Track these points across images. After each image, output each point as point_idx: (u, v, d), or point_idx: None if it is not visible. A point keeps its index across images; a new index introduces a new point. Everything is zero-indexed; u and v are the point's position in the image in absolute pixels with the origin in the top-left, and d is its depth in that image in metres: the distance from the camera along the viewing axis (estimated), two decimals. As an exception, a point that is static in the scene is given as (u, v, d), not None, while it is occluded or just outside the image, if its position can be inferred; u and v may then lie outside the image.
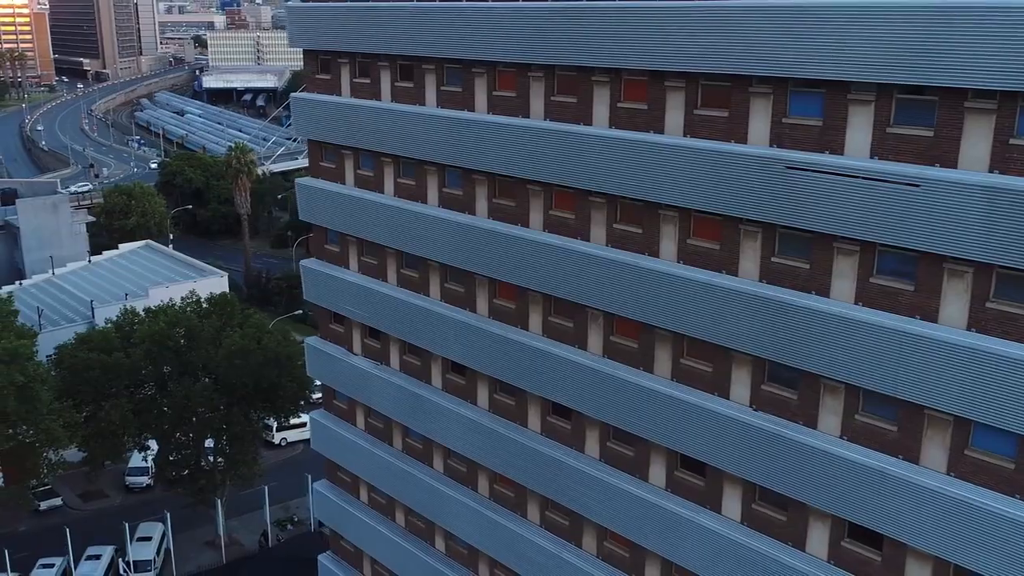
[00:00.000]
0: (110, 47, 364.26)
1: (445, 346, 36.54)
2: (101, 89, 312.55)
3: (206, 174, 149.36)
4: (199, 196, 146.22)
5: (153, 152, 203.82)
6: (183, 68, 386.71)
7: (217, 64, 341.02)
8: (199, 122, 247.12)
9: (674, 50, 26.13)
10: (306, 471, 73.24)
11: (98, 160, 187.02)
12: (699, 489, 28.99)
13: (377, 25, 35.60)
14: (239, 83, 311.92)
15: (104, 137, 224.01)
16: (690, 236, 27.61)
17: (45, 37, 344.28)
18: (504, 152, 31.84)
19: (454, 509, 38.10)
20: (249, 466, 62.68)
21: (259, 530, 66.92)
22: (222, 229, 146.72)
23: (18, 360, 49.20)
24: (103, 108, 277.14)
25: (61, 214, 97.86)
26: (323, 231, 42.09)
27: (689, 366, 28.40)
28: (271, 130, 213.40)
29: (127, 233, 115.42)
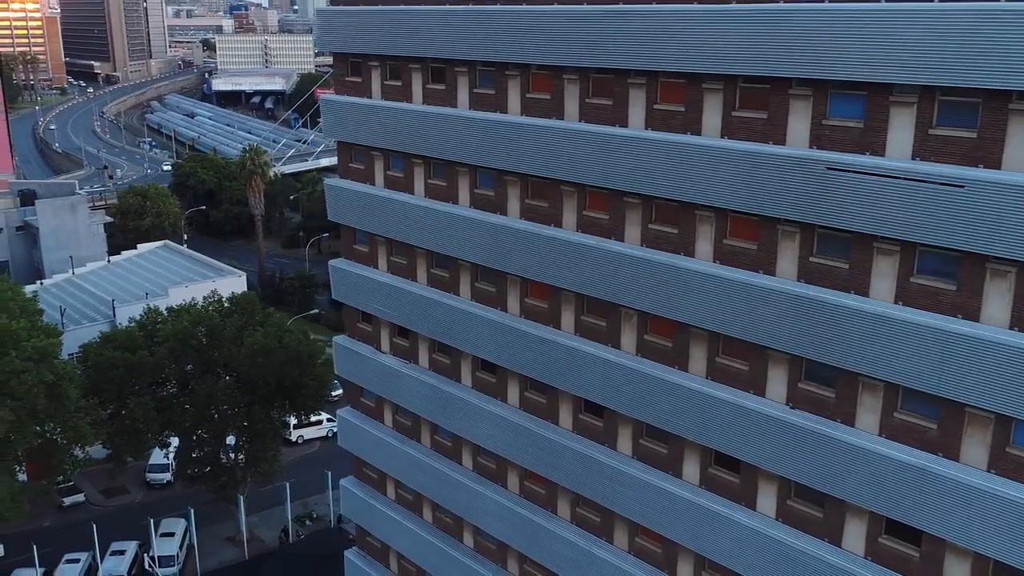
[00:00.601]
0: (121, 50, 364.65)
1: (476, 345, 36.48)
2: (112, 92, 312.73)
3: (218, 175, 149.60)
4: (211, 197, 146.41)
5: (165, 154, 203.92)
6: (192, 71, 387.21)
7: (226, 67, 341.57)
8: (209, 124, 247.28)
9: (713, 53, 26.05)
10: (323, 468, 73.32)
11: (111, 162, 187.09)
12: (733, 486, 28.91)
13: (409, 28, 35.53)
14: (248, 86, 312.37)
15: (116, 139, 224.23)
16: (727, 236, 27.53)
17: (57, 40, 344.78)
18: (538, 153, 31.77)
19: (483, 505, 38.03)
20: (270, 463, 62.76)
21: (278, 526, 66.93)
22: (234, 229, 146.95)
23: (48, 359, 49.15)
24: (114, 110, 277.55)
25: (79, 215, 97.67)
26: (351, 231, 42.03)
27: (725, 364, 28.34)
28: (281, 132, 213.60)
29: (142, 234, 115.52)
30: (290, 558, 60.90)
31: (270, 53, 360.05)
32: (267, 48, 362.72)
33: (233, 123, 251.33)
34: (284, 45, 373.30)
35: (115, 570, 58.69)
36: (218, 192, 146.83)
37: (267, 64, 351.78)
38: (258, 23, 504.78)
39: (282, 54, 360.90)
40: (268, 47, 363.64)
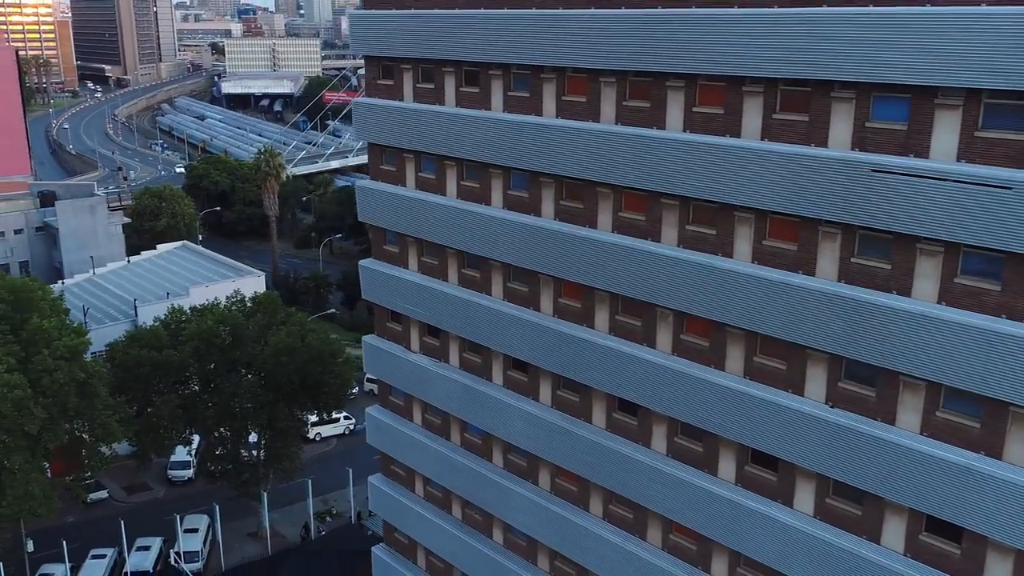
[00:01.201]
0: (131, 54, 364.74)
1: (508, 344, 36.41)
2: (123, 94, 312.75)
3: (231, 177, 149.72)
4: (224, 198, 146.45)
5: (177, 155, 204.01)
6: (201, 74, 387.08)
7: (235, 70, 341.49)
8: (220, 126, 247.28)
9: (755, 56, 25.98)
10: (341, 465, 73.34)
11: (124, 163, 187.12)
12: (770, 484, 28.84)
13: (443, 31, 35.45)
14: (257, 89, 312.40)
15: (129, 141, 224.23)
16: (766, 237, 27.46)
17: (68, 44, 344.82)
18: (575, 155, 31.69)
19: (513, 501, 37.97)
20: (291, 460, 62.77)
21: (299, 522, 66.86)
22: (247, 230, 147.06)
23: (78, 357, 49.10)
24: (126, 113, 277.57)
25: (98, 215, 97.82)
26: (382, 232, 41.93)
27: (762, 364, 28.26)
28: (291, 135, 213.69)
29: (157, 234, 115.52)
30: (312, 554, 60.85)
31: (278, 56, 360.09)
32: (275, 51, 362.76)
33: (243, 126, 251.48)
34: (291, 48, 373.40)
35: (141, 566, 58.68)
36: (231, 193, 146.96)
37: (275, 67, 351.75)
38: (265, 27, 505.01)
39: (289, 57, 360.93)
40: (276, 50, 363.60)
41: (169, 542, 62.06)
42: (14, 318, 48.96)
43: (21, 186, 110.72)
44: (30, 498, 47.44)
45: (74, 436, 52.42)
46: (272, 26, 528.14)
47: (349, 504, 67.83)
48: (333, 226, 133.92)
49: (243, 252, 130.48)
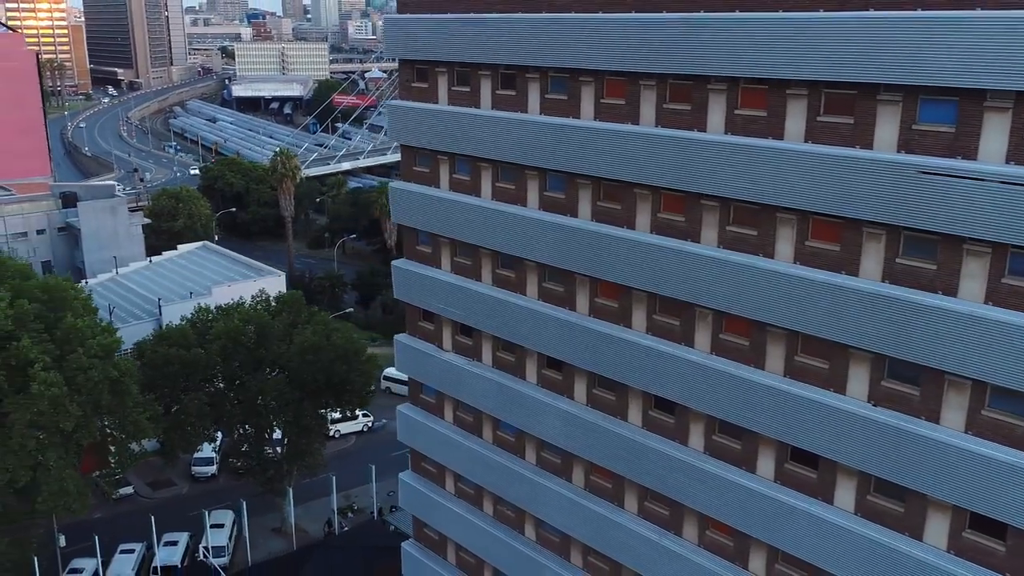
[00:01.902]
0: (143, 57, 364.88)
1: (542, 342, 36.29)
2: (136, 97, 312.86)
3: (246, 178, 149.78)
4: (239, 199, 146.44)
5: (190, 157, 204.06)
6: (211, 77, 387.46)
7: (245, 74, 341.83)
8: (231, 129, 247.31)
9: (799, 60, 25.86)
10: (360, 461, 73.33)
11: (139, 165, 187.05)
12: (810, 481, 28.71)
13: (480, 35, 35.33)
14: (267, 92, 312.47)
15: (142, 143, 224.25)
16: (808, 238, 27.33)
17: (82, 48, 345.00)
18: (613, 157, 31.57)
19: (546, 498, 37.85)
20: (315, 456, 62.73)
21: (321, 518, 66.80)
22: (260, 230, 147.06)
23: (111, 355, 49.02)
24: (138, 115, 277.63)
25: (119, 216, 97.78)
26: (414, 232, 41.82)
27: (804, 363, 28.12)
28: (302, 137, 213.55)
29: (174, 234, 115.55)
30: (336, 549, 60.78)
31: (286, 60, 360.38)
32: (284, 55, 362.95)
33: (254, 128, 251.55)
34: (300, 52, 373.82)
35: (169, 560, 58.67)
36: (245, 194, 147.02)
37: (284, 71, 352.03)
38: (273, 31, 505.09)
39: (298, 61, 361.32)
40: (285, 54, 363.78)
41: (196, 537, 62.09)
42: (48, 317, 48.84)
43: (42, 187, 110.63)
44: (65, 494, 47.39)
45: (104, 433, 52.31)
46: (280, 30, 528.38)
47: (372, 500, 67.74)
48: (347, 227, 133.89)
49: (257, 252, 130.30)
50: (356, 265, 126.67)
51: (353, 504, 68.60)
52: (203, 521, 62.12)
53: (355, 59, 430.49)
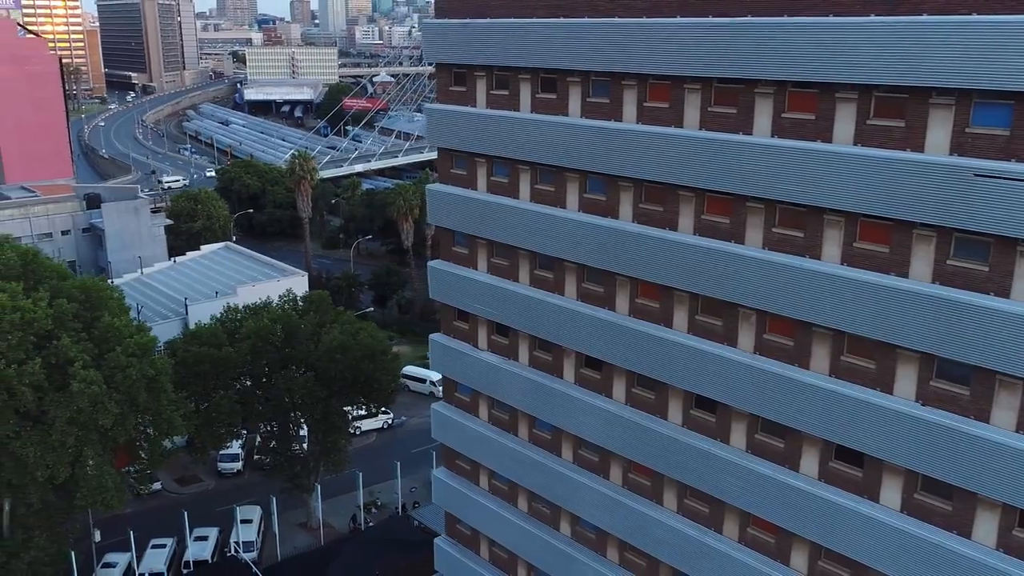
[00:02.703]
0: (156, 62, 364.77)
1: (581, 342, 36.06)
2: (150, 101, 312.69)
3: (262, 180, 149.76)
4: (255, 201, 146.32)
5: (205, 159, 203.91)
6: (223, 81, 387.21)
7: (256, 78, 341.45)
8: (244, 132, 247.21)
9: (849, 64, 25.62)
10: (381, 457, 73.21)
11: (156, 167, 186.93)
12: (856, 479, 28.48)
13: (520, 40, 35.08)
14: (278, 95, 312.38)
15: (159, 145, 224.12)
16: (856, 239, 27.09)
17: (97, 52, 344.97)
18: (657, 160, 31.34)
19: (583, 494, 37.63)
20: (341, 453, 62.54)
21: (345, 513, 66.61)
22: (276, 231, 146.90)
23: (148, 354, 48.81)
24: (153, 118, 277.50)
25: (142, 217, 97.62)
26: (450, 234, 41.59)
27: (850, 362, 27.89)
28: (314, 140, 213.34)
29: (193, 235, 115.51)
30: (364, 544, 60.52)
31: (296, 64, 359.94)
32: (294, 60, 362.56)
33: (267, 131, 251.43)
34: (309, 57, 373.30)
35: (200, 554, 58.50)
36: (261, 196, 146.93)
37: (294, 75, 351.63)
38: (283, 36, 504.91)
39: (308, 65, 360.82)
40: (295, 59, 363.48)
41: (224, 532, 61.92)
42: (85, 316, 48.63)
43: (65, 189, 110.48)
44: (103, 490, 47.15)
45: (138, 430, 52.09)
46: (289, 35, 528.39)
47: (396, 496, 67.55)
48: (361, 228, 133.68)
49: (273, 253, 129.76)
50: (370, 265, 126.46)
51: (377, 500, 68.40)
52: (233, 517, 62.03)
53: (362, 63, 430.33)
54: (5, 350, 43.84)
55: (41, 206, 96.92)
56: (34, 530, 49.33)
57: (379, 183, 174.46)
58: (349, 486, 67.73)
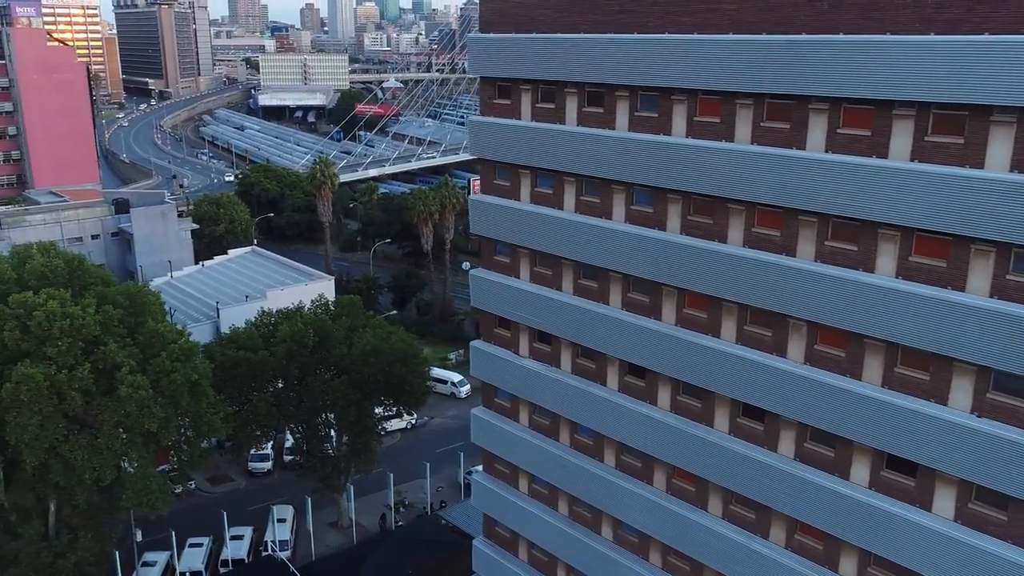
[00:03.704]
0: (172, 68, 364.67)
1: (625, 350, 35.76)
2: (168, 106, 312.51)
3: (280, 185, 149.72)
4: (274, 204, 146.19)
5: (223, 164, 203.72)
6: (236, 87, 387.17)
7: (269, 84, 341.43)
8: (259, 136, 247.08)
9: (909, 82, 25.33)
10: (406, 457, 73.11)
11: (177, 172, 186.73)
12: (908, 488, 28.19)
13: (568, 55, 34.79)
14: (291, 101, 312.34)
15: (177, 150, 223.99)
16: (912, 254, 26.81)
17: (115, 59, 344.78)
18: (707, 173, 31.06)
19: (625, 499, 37.34)
20: (371, 454, 62.36)
21: (373, 512, 66.40)
22: (295, 234, 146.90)
23: (192, 359, 48.59)
24: (170, 123, 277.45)
25: (169, 222, 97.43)
26: (491, 243, 41.31)
27: (903, 374, 27.60)
28: (330, 145, 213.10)
29: (216, 239, 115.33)
30: (396, 543, 60.31)
31: (308, 71, 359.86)
32: (306, 66, 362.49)
33: (282, 136, 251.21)
34: (321, 63, 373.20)
35: (237, 553, 58.34)
36: (280, 200, 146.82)
37: (306, 81, 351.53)
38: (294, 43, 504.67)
39: (319, 71, 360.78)
40: (307, 65, 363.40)
41: (258, 531, 61.74)
42: (130, 322, 48.43)
43: (93, 194, 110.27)
44: (148, 491, 46.96)
45: (179, 433, 51.89)
46: (299, 42, 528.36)
47: (425, 496, 67.35)
48: (379, 231, 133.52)
49: (293, 255, 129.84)
50: (387, 267, 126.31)
51: (404, 499, 68.18)
52: (268, 516, 61.87)
53: (371, 69, 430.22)
54: (55, 356, 43.68)
55: (72, 211, 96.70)
56: (79, 530, 49.16)
57: (393, 187, 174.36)
58: (376, 485, 67.60)
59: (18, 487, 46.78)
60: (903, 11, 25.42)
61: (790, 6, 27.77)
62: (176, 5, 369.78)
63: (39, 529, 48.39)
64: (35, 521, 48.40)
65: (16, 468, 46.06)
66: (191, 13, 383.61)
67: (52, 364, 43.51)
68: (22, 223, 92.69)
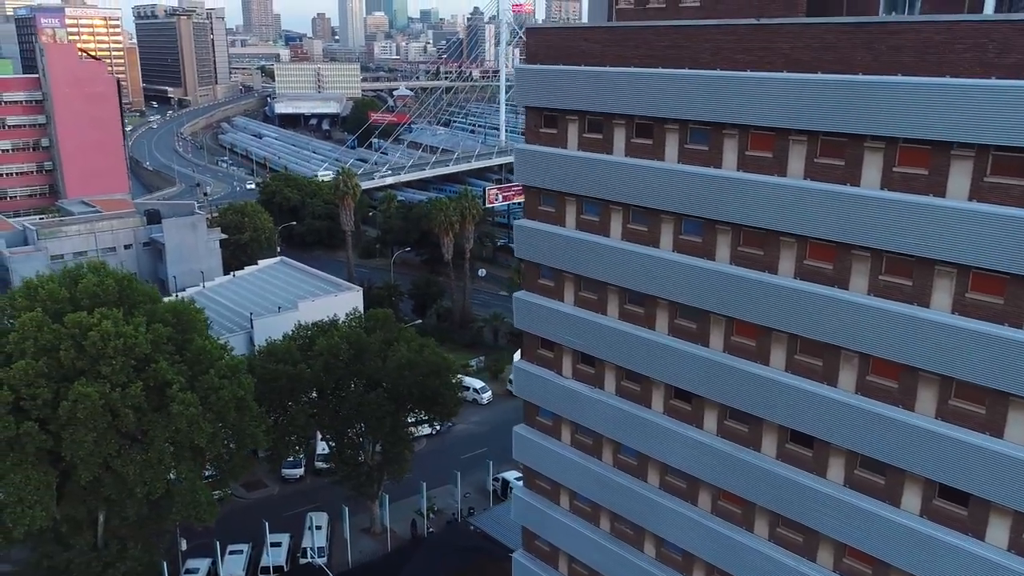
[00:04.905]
0: (191, 77, 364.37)
1: (672, 375, 35.46)
2: (188, 113, 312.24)
3: (301, 193, 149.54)
4: (295, 212, 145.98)
5: (243, 171, 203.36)
6: (252, 95, 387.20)
7: (284, 92, 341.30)
8: (277, 144, 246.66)
9: (968, 123, 25.02)
10: (431, 462, 72.84)
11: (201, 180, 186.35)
12: (961, 517, 27.89)
13: (616, 88, 34.45)
14: (306, 109, 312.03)
15: (198, 158, 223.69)
16: (968, 290, 26.50)
17: (136, 68, 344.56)
18: (758, 206, 30.73)
19: (669, 518, 37.07)
20: (404, 463, 62.12)
21: (403, 518, 66.08)
22: (315, 241, 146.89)
23: (238, 375, 48.37)
24: (189, 131, 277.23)
25: (199, 232, 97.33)
26: (535, 267, 41.01)
27: (958, 407, 27.29)
28: (348, 153, 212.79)
29: (241, 247, 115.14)
30: (430, 550, 60.04)
31: (322, 79, 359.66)
32: (319, 75, 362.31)
33: (298, 143, 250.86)
34: (334, 72, 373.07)
35: (277, 560, 58.11)
36: (301, 208, 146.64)
37: (319, 89, 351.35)
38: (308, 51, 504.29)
39: (332, 80, 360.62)
40: (320, 74, 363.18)
41: (294, 538, 61.52)
42: (177, 339, 48.21)
43: (124, 203, 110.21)
44: (196, 504, 46.79)
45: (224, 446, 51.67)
46: (312, 51, 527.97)
47: (454, 503, 67.08)
48: (398, 239, 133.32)
49: (314, 261, 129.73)
50: (405, 274, 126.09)
51: (433, 505, 67.87)
52: (306, 522, 61.66)
53: (381, 77, 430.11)
54: (109, 374, 43.48)
55: (106, 222, 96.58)
56: (128, 540, 48.96)
57: (408, 195, 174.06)
58: (404, 491, 67.31)
59: (69, 500, 46.61)
60: (963, 55, 25.09)
61: (847, 47, 27.42)
62: (194, 16, 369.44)
63: (89, 540, 48.22)
64: (85, 532, 48.24)
65: (68, 481, 45.87)
66: (209, 23, 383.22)
67: (106, 382, 43.31)
68: (58, 234, 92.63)
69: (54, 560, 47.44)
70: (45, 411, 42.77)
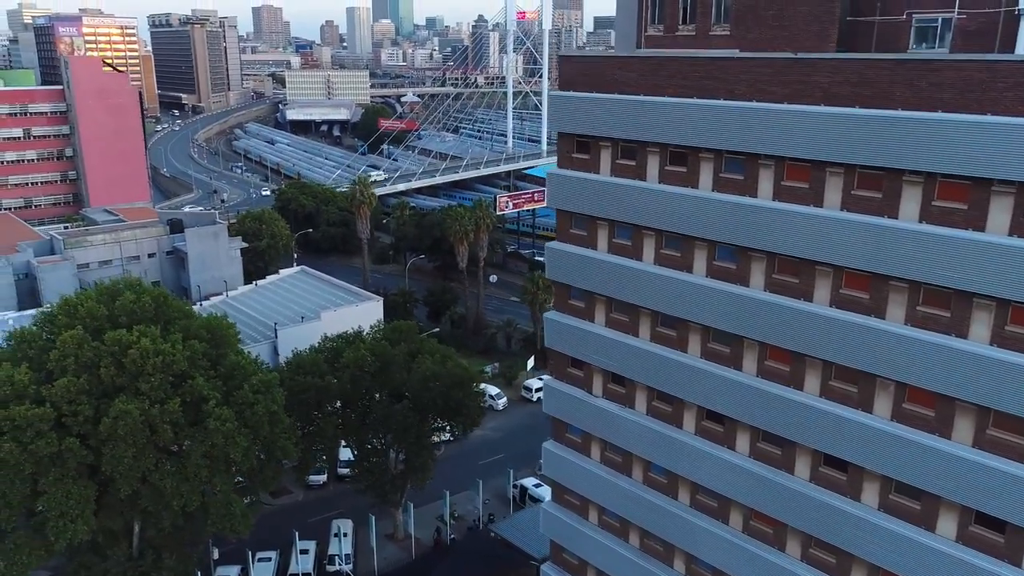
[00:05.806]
0: (204, 83, 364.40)
1: (704, 397, 35.29)
2: (202, 119, 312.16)
3: (316, 200, 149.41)
4: (311, 219, 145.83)
5: (257, 177, 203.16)
6: (264, 101, 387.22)
7: (295, 98, 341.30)
8: (290, 150, 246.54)
9: (1007, 162, 24.83)
10: (451, 469, 72.54)
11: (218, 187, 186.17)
12: (998, 544, 27.72)
13: (651, 116, 34.26)
14: (317, 115, 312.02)
15: (213, 164, 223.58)
16: (1008, 323, 26.32)
17: (151, 75, 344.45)
18: (794, 236, 30.54)
19: (699, 536, 36.89)
20: (427, 471, 61.97)
21: (427, 525, 65.87)
22: (330, 247, 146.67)
23: (271, 390, 48.21)
24: (203, 137, 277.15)
25: (221, 241, 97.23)
26: (565, 287, 40.83)
27: (995, 437, 27.12)
28: (359, 160, 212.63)
29: (258, 254, 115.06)
30: (455, 557, 59.87)
31: (332, 86, 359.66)
32: (329, 81, 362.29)
33: (310, 150, 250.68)
34: (343, 79, 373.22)
35: (305, 567, 57.96)
36: (316, 215, 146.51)
37: (329, 95, 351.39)
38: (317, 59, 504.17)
39: (342, 87, 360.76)
40: (330, 81, 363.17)
41: (320, 544, 61.37)
42: (212, 354, 48.08)
43: (146, 212, 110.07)
44: (231, 516, 46.66)
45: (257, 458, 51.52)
46: (321, 58, 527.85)
47: (476, 510, 66.90)
48: (412, 246, 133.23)
49: (329, 267, 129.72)
50: (418, 280, 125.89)
51: (454, 511, 67.68)
52: (332, 529, 61.50)
53: (389, 84, 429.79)
54: (148, 391, 43.36)
55: (130, 231, 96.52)
56: (163, 550, 48.84)
57: (419, 201, 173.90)
58: (424, 497, 67.05)
59: (107, 512, 46.48)
60: (1005, 93, 24.90)
61: (887, 82, 27.24)
62: (208, 24, 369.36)
63: (125, 550, 48.12)
64: (121, 542, 48.13)
65: (106, 494, 45.75)
66: (221, 31, 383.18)
67: (145, 399, 43.19)
68: (83, 243, 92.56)
69: (91, 570, 47.33)
70: (86, 427, 42.68)
